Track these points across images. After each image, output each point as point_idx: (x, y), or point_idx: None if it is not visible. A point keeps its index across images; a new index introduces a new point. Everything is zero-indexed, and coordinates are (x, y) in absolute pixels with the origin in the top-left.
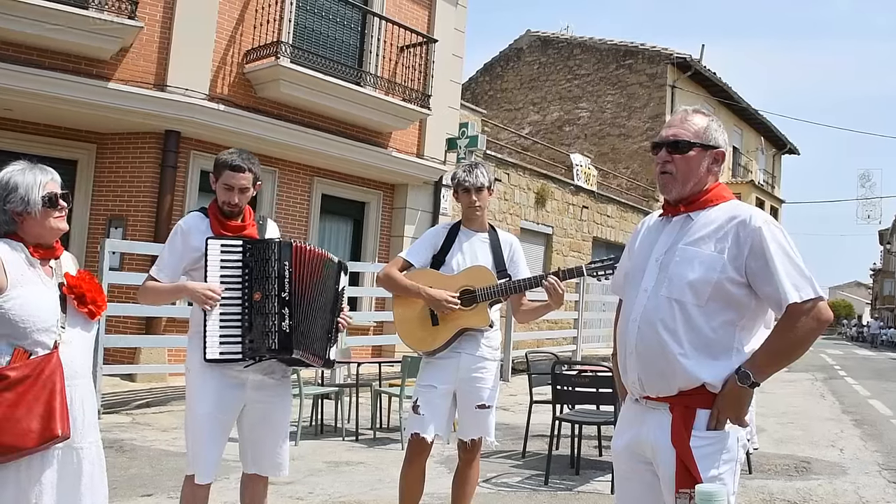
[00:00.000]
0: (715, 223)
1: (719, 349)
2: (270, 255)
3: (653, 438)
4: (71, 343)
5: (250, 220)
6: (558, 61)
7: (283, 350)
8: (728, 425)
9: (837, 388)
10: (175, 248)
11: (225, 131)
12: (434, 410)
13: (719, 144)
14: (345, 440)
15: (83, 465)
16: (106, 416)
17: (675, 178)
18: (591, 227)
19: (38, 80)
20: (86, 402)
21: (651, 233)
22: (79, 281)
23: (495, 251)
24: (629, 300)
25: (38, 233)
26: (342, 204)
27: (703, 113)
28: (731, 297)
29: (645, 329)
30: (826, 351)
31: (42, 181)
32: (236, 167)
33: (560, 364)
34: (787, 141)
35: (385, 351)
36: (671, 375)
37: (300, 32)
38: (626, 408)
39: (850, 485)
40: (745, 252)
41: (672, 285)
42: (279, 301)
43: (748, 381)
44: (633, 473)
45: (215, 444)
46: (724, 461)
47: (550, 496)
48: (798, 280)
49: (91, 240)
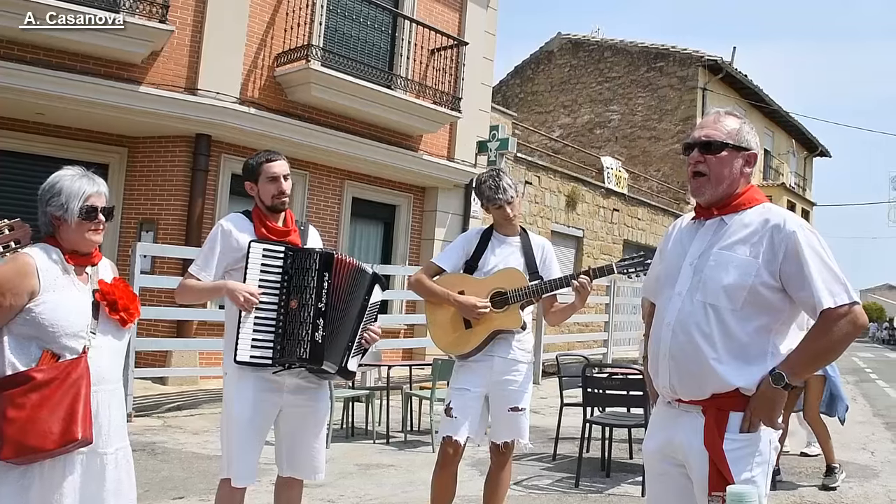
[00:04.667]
0: (749, 227)
1: (754, 354)
2: (311, 264)
3: (685, 441)
4: (100, 349)
5: (293, 226)
6: (589, 64)
7: (314, 360)
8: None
9: (869, 391)
10: (214, 248)
11: (256, 135)
12: (467, 413)
13: (751, 146)
14: (375, 443)
15: (107, 471)
16: (137, 420)
17: (709, 179)
18: (621, 229)
19: (70, 85)
20: (113, 408)
21: (684, 236)
22: (112, 288)
23: (527, 254)
24: (662, 304)
25: (74, 240)
26: (373, 207)
27: (736, 115)
28: (766, 302)
29: (679, 333)
30: (857, 354)
31: (87, 192)
32: (271, 157)
33: (590, 367)
34: (818, 143)
35: (416, 354)
36: (705, 380)
37: (331, 36)
38: (657, 410)
39: (881, 487)
40: (780, 257)
41: (707, 290)
42: (315, 311)
43: (782, 383)
44: (665, 476)
45: (253, 447)
46: (756, 464)
47: (581, 499)
48: (833, 285)
49: (122, 243)
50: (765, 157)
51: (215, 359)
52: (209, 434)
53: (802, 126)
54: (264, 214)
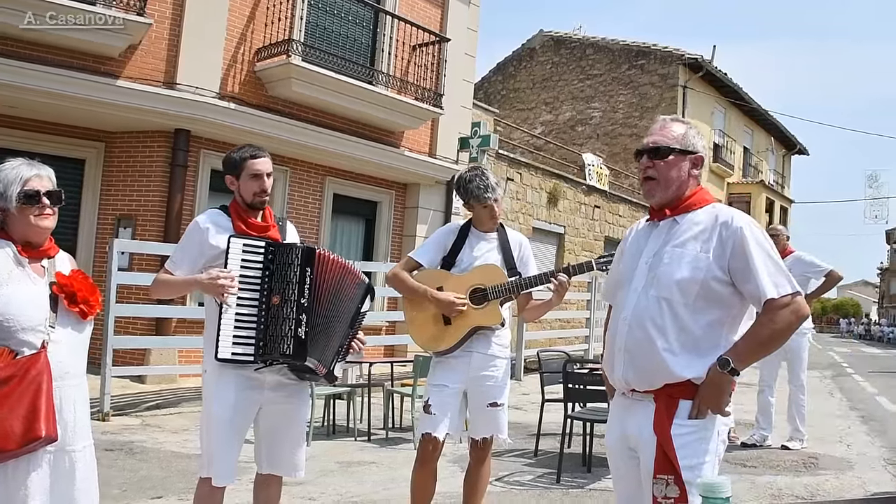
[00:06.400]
0: (700, 225)
1: (706, 347)
2: (293, 259)
3: (636, 429)
4: (60, 343)
5: (272, 221)
6: (571, 61)
7: (297, 356)
8: (713, 418)
9: (845, 385)
10: (192, 244)
11: (236, 130)
12: (446, 410)
13: (697, 149)
14: (357, 440)
15: (77, 469)
16: (115, 419)
17: (658, 182)
18: (602, 226)
19: (44, 77)
20: (77, 404)
21: (640, 237)
22: (70, 280)
23: (505, 250)
24: (620, 301)
25: (23, 231)
26: (354, 203)
27: (682, 121)
28: (717, 296)
29: (635, 327)
30: (834, 349)
31: (24, 177)
32: (256, 154)
33: (571, 362)
34: (796, 141)
35: (397, 351)
36: (657, 371)
37: (312, 31)
38: (613, 404)
39: (857, 479)
40: (728, 252)
41: (661, 285)
42: (297, 307)
43: (728, 367)
44: (626, 468)
45: (233, 445)
46: (703, 451)
47: (562, 494)
48: (777, 277)
49: (100, 240)
50: (744, 154)
51: (195, 356)
52: (189, 433)
53: (781, 124)
54: (243, 210)
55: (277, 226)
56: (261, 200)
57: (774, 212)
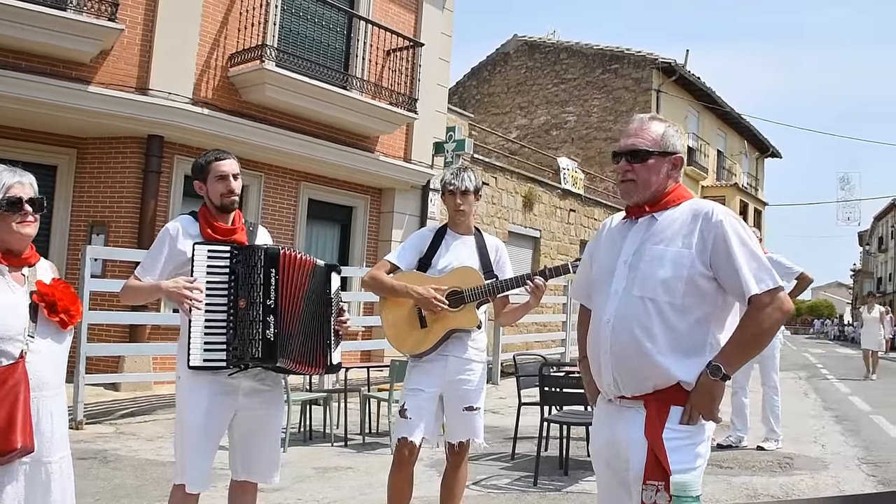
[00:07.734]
0: (679, 220)
1: (693, 346)
2: (257, 261)
3: (626, 436)
4: (39, 353)
5: (240, 224)
6: (545, 66)
7: (267, 358)
8: (704, 424)
9: (819, 385)
10: (161, 251)
11: (209, 136)
12: (421, 414)
13: (677, 150)
14: (333, 446)
15: (53, 481)
16: (89, 427)
17: (637, 184)
18: (578, 230)
19: (13, 83)
20: (55, 415)
21: (615, 235)
22: (51, 289)
23: (482, 254)
24: (600, 303)
25: (4, 238)
26: (329, 209)
27: (660, 119)
28: (704, 293)
29: (620, 330)
30: (809, 350)
31: (6, 184)
32: (220, 157)
33: (548, 366)
34: (769, 145)
35: (374, 356)
36: (647, 374)
37: (285, 36)
38: (598, 410)
39: (832, 479)
40: (710, 246)
41: (644, 285)
42: (264, 309)
43: (719, 374)
44: (611, 474)
45: (207, 452)
46: (695, 455)
47: (540, 497)
48: (759, 272)
49: (72, 246)
50: (718, 157)
51: (169, 363)
52: (163, 440)
53: (754, 127)
54: (212, 215)
55: (247, 230)
56: (230, 201)
57: (748, 214)
